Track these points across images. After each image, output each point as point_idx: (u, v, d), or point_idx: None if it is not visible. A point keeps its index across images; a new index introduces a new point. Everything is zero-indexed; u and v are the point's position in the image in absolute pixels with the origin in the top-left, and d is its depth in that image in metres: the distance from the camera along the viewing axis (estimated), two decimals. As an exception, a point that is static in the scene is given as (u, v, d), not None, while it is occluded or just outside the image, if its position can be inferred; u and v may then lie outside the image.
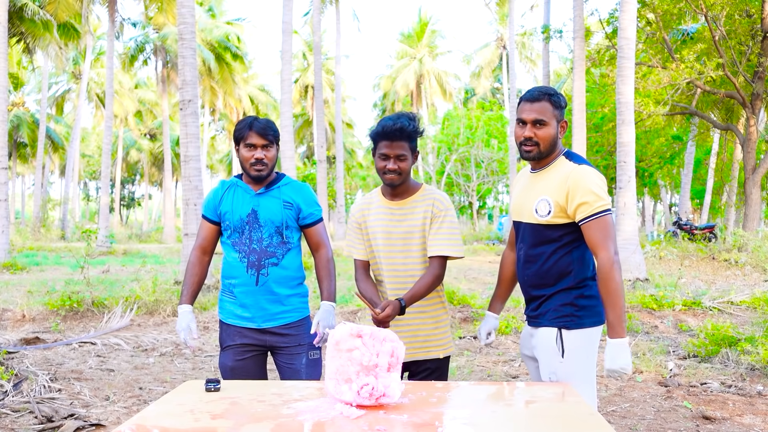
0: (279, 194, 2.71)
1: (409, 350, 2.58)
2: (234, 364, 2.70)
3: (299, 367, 2.70)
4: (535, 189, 2.42)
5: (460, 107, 36.91)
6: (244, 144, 2.65)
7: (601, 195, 2.29)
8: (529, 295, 2.50)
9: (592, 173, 2.33)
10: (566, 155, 2.42)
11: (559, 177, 2.34)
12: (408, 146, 2.58)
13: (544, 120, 2.34)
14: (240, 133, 2.66)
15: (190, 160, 10.15)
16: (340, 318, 7.46)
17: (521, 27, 36.16)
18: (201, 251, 2.80)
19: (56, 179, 52.22)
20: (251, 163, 2.64)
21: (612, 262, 2.24)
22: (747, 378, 4.98)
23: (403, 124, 2.54)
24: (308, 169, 28.93)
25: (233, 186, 2.76)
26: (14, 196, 42.68)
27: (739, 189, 22.31)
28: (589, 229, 2.29)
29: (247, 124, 2.66)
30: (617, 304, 2.22)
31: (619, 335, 2.22)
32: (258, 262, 2.66)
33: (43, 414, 3.86)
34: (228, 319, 2.74)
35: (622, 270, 10.59)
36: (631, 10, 11.51)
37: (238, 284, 2.69)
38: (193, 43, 10.37)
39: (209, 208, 2.76)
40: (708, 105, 19.68)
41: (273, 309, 2.69)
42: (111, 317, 7.20)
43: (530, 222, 2.42)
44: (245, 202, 2.70)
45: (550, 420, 1.92)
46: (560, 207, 2.33)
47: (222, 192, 2.75)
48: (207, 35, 31.35)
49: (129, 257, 17.76)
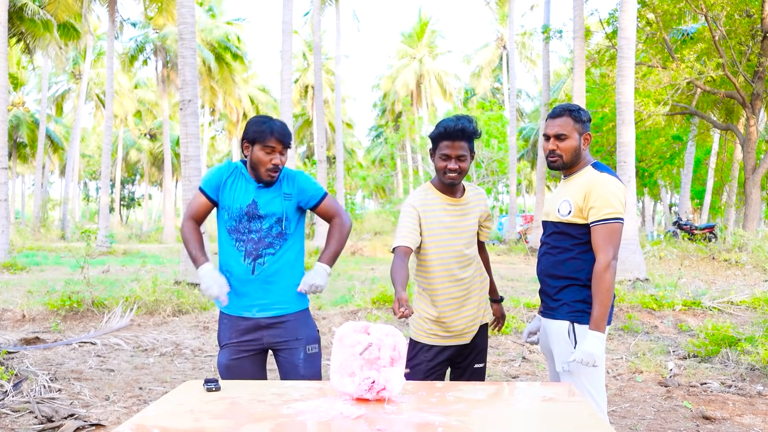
0: (279, 187, 2.67)
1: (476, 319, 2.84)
2: (229, 362, 2.65)
3: (297, 362, 2.65)
4: (561, 193, 2.67)
5: (460, 107, 36.94)
6: (263, 146, 2.57)
7: (613, 203, 2.50)
8: (544, 287, 2.70)
9: (611, 183, 2.54)
10: (594, 165, 2.64)
11: (582, 182, 2.58)
12: (467, 147, 2.70)
13: (564, 134, 2.60)
14: (260, 135, 2.58)
15: (190, 160, 10.15)
16: (340, 318, 7.45)
17: (521, 27, 36.25)
18: (194, 221, 2.74)
19: (56, 179, 52.24)
20: (268, 168, 2.59)
21: (608, 265, 2.46)
22: (747, 378, 4.98)
23: (464, 125, 2.66)
24: (308, 169, 28.88)
25: (238, 172, 2.68)
26: (14, 196, 42.68)
27: (739, 189, 22.31)
28: (595, 232, 2.52)
29: (268, 127, 2.58)
30: (604, 303, 2.45)
31: (599, 329, 2.44)
32: (255, 252, 2.62)
33: (43, 414, 3.86)
34: (226, 309, 2.67)
35: (623, 270, 10.71)
36: (631, 10, 11.51)
37: (234, 273, 2.64)
38: (193, 43, 10.37)
39: (211, 186, 2.68)
40: (708, 105, 19.68)
41: (269, 299, 2.64)
42: (111, 317, 7.20)
43: (553, 221, 2.66)
44: (247, 192, 2.64)
45: (550, 420, 1.92)
46: (579, 208, 2.55)
47: (227, 175, 2.68)
48: (207, 35, 31.34)
49: (129, 257, 17.76)
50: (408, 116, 36.02)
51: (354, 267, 14.83)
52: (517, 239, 23.16)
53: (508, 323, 6.89)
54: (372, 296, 8.10)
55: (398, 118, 40.34)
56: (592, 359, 2.42)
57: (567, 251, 2.60)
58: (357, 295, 8.69)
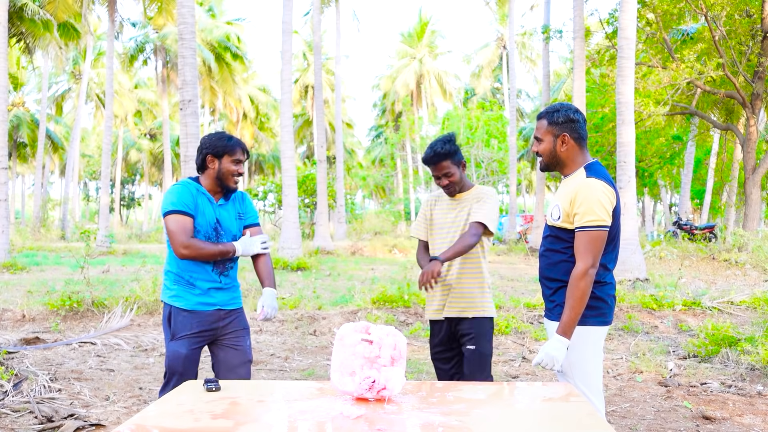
0: (233, 207, 3.06)
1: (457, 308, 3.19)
2: (189, 352, 2.93)
3: (246, 348, 3.04)
4: (556, 196, 2.71)
5: (460, 107, 36.86)
6: (231, 158, 2.95)
7: (596, 210, 2.48)
8: (543, 289, 2.74)
9: (597, 188, 2.51)
10: (586, 167, 2.61)
11: (572, 187, 2.58)
12: (451, 162, 3.16)
13: (539, 137, 2.67)
14: (229, 148, 2.95)
15: (190, 160, 10.15)
16: (340, 318, 7.46)
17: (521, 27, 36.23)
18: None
19: (56, 179, 52.25)
20: (234, 176, 2.97)
21: (585, 272, 2.45)
22: (747, 378, 4.98)
23: (435, 150, 3.13)
24: (308, 169, 28.83)
25: (199, 192, 2.97)
26: (14, 196, 42.67)
27: (739, 189, 22.31)
28: (577, 239, 2.53)
29: (235, 142, 2.98)
30: (575, 309, 2.45)
31: (565, 334, 2.45)
32: (223, 264, 2.99)
33: (43, 414, 3.86)
34: (193, 307, 2.94)
35: (623, 270, 10.70)
36: (631, 10, 11.51)
37: (202, 279, 2.95)
38: (193, 43, 10.37)
39: (189, 206, 2.90)
40: (708, 105, 19.67)
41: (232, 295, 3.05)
42: (111, 317, 7.20)
43: (549, 224, 2.71)
44: (210, 211, 2.97)
45: (550, 420, 1.92)
46: (566, 213, 2.58)
47: (195, 194, 2.95)
48: (207, 35, 31.34)
49: (129, 257, 17.75)
50: (408, 116, 36.02)
51: (354, 267, 14.83)
52: (517, 239, 23.17)
53: (508, 323, 6.89)
54: (372, 296, 8.10)
55: (398, 118, 40.34)
56: (551, 362, 2.42)
57: (560, 254, 2.63)
58: (357, 295, 8.69)
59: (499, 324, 6.82)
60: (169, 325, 2.97)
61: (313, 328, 7.07)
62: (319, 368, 5.38)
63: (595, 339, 2.57)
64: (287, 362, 5.64)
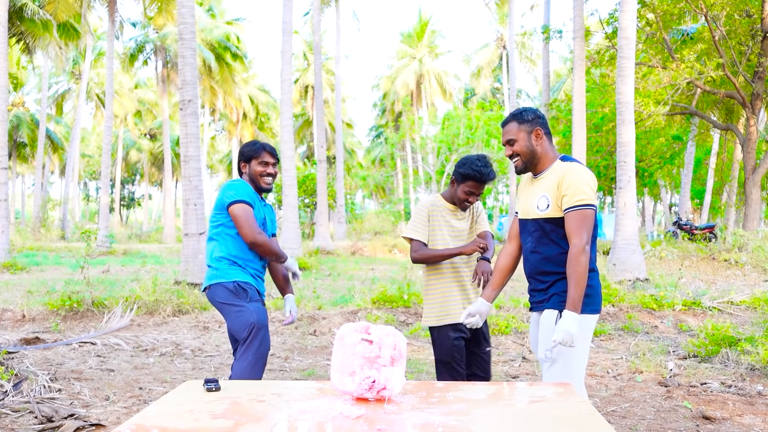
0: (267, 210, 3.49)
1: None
2: (264, 309, 3.36)
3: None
4: (537, 190, 2.75)
5: (460, 107, 36.83)
6: (258, 161, 3.35)
7: (584, 190, 2.59)
8: (535, 284, 2.78)
9: (581, 171, 2.64)
10: (561, 159, 2.73)
11: (555, 176, 2.68)
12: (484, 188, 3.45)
13: (512, 138, 2.76)
14: (255, 152, 3.36)
15: (190, 160, 10.14)
16: (340, 318, 7.47)
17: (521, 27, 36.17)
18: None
19: (56, 179, 52.22)
20: (263, 176, 3.36)
21: (582, 249, 2.55)
22: (747, 378, 4.98)
23: (492, 177, 3.37)
24: (308, 169, 28.83)
25: (254, 191, 3.40)
26: (14, 196, 42.65)
27: (739, 189, 22.30)
28: (568, 219, 2.60)
29: (260, 145, 3.38)
30: (579, 285, 2.53)
31: (575, 309, 2.53)
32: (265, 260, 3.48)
33: (43, 414, 3.86)
34: (252, 281, 3.37)
35: (623, 270, 10.70)
36: (631, 10, 11.50)
37: (251, 267, 3.37)
38: (193, 43, 10.37)
39: (252, 198, 3.32)
40: (708, 105, 19.66)
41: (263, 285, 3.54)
42: (111, 317, 7.20)
43: (534, 218, 2.73)
44: (260, 207, 3.40)
45: (550, 420, 1.92)
46: (555, 198, 2.65)
47: (253, 191, 3.36)
48: (207, 35, 31.32)
49: (129, 257, 17.76)
50: (408, 116, 35.98)
51: (354, 267, 14.83)
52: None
53: (508, 323, 6.89)
54: (372, 296, 8.10)
55: (398, 118, 40.30)
56: (570, 338, 2.48)
57: (554, 247, 2.67)
58: (357, 295, 8.69)
59: (499, 324, 6.82)
60: (238, 296, 3.27)
61: (313, 328, 7.07)
62: (319, 368, 5.38)
63: (586, 326, 2.63)
64: (287, 362, 5.64)
